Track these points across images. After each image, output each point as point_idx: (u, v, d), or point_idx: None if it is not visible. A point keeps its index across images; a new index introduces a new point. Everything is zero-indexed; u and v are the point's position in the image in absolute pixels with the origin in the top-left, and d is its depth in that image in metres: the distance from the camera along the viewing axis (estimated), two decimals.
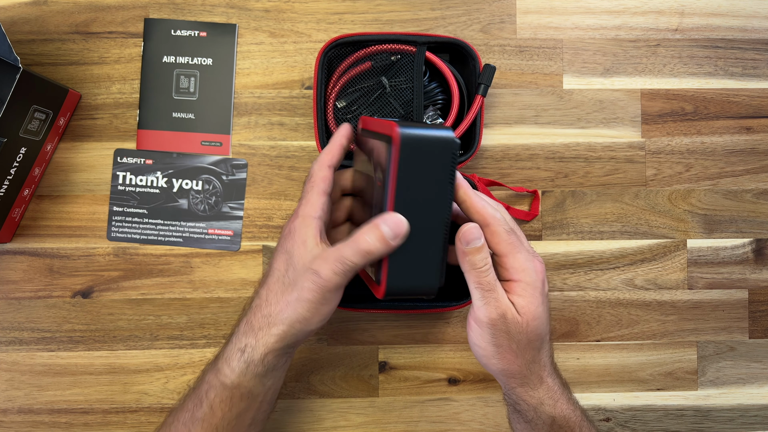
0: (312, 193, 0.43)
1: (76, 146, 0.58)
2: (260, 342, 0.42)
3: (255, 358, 0.42)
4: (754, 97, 0.61)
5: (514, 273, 0.42)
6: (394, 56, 0.55)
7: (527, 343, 0.42)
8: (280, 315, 0.42)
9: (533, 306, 0.42)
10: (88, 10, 0.58)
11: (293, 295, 0.41)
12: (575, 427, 0.45)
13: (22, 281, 0.57)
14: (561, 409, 0.44)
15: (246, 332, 0.43)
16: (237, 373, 0.43)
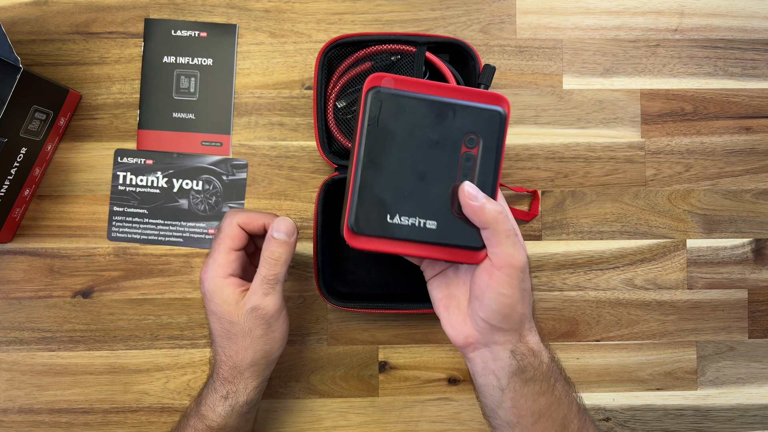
0: (218, 252, 0.45)
1: (76, 146, 0.58)
2: (240, 387, 0.46)
3: (239, 402, 0.46)
4: (754, 97, 0.61)
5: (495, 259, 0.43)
6: (394, 56, 0.55)
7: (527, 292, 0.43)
8: (245, 361, 0.45)
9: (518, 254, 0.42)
10: (89, 10, 0.58)
11: (246, 340, 0.45)
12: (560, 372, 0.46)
13: (23, 281, 0.57)
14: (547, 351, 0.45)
15: (223, 383, 0.46)
16: (223, 416, 0.46)
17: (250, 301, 0.44)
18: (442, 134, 0.42)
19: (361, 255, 0.57)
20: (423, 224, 0.42)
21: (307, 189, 0.59)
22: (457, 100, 0.42)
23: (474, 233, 0.42)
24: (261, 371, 0.47)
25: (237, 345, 0.45)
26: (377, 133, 0.41)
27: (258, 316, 0.44)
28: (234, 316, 0.44)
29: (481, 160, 0.42)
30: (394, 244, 0.42)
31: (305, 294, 0.58)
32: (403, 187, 0.41)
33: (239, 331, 0.44)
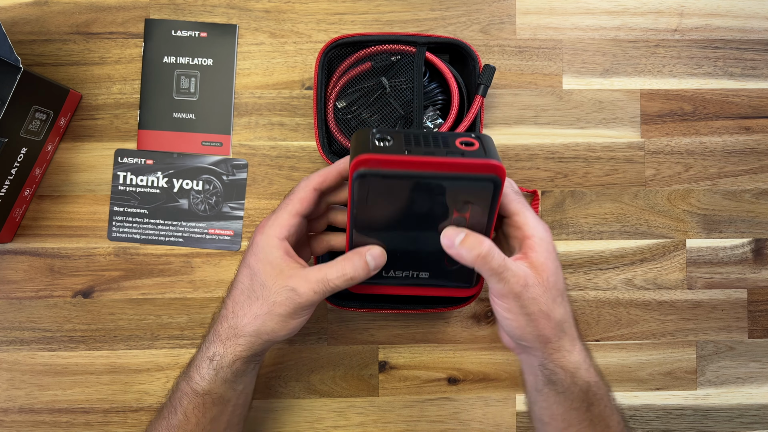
0: (284, 212, 0.43)
1: (76, 146, 0.58)
2: (228, 351, 0.43)
3: (224, 365, 0.44)
4: (753, 98, 0.61)
5: (527, 229, 0.43)
6: (394, 57, 0.55)
7: (552, 301, 0.42)
8: (247, 327, 0.43)
9: (549, 260, 0.42)
10: (89, 10, 0.58)
11: (263, 308, 0.42)
12: (604, 396, 0.45)
13: (23, 281, 0.57)
14: (593, 375, 0.44)
15: (213, 341, 0.44)
16: (207, 380, 0.44)
17: (296, 282, 0.42)
18: (433, 205, 0.41)
19: None
20: (416, 275, 0.44)
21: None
22: (447, 174, 0.40)
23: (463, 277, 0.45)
24: (256, 346, 0.43)
25: (252, 308, 0.43)
26: (368, 209, 0.41)
27: (290, 299, 0.42)
28: (270, 280, 0.42)
29: (471, 223, 0.42)
30: (390, 288, 0.45)
31: None
32: (396, 250, 0.43)
33: (263, 298, 0.42)
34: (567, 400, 0.44)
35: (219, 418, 0.45)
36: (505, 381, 0.59)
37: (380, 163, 0.39)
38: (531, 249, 0.42)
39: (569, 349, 0.43)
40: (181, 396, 0.45)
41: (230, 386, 0.45)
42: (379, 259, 0.42)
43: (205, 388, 0.44)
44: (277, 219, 0.43)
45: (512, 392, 0.59)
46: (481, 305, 0.59)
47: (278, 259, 0.42)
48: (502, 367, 0.59)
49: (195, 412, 0.44)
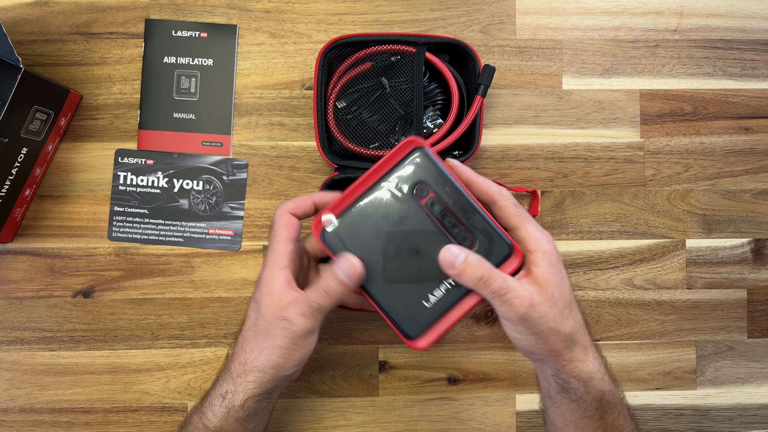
0: (275, 242, 0.44)
1: (77, 146, 0.58)
2: (239, 389, 0.44)
3: (236, 404, 0.44)
4: (753, 98, 0.61)
5: (529, 243, 0.42)
6: (394, 57, 0.55)
7: (560, 315, 0.41)
8: (255, 362, 0.43)
9: (553, 274, 0.42)
10: (89, 10, 0.58)
11: (266, 342, 0.43)
12: (618, 405, 0.44)
13: (24, 281, 0.57)
14: (608, 383, 0.44)
15: (226, 379, 0.45)
16: (219, 417, 0.44)
17: (287, 311, 0.42)
18: (398, 208, 0.42)
19: None
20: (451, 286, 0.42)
21: (307, 189, 0.59)
22: (381, 178, 0.43)
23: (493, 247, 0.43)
24: (266, 381, 0.43)
25: (256, 342, 0.43)
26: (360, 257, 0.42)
27: (285, 328, 0.42)
28: (268, 313, 0.43)
29: (441, 195, 0.42)
30: (447, 320, 0.43)
31: None
32: (413, 274, 0.42)
33: (263, 330, 0.43)
34: (580, 408, 0.44)
35: None
36: (504, 381, 0.59)
37: (333, 209, 0.43)
38: (534, 264, 0.42)
39: (582, 359, 0.43)
40: (193, 431, 0.45)
41: (241, 425, 0.45)
42: (348, 269, 0.42)
43: (217, 425, 0.44)
44: (273, 251, 0.44)
45: (512, 392, 0.59)
46: (480, 305, 0.59)
47: (277, 288, 0.43)
48: (502, 367, 0.60)
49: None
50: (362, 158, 0.55)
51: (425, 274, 0.42)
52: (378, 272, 0.43)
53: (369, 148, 0.55)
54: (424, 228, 0.42)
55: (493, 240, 0.42)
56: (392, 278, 0.43)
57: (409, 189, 0.42)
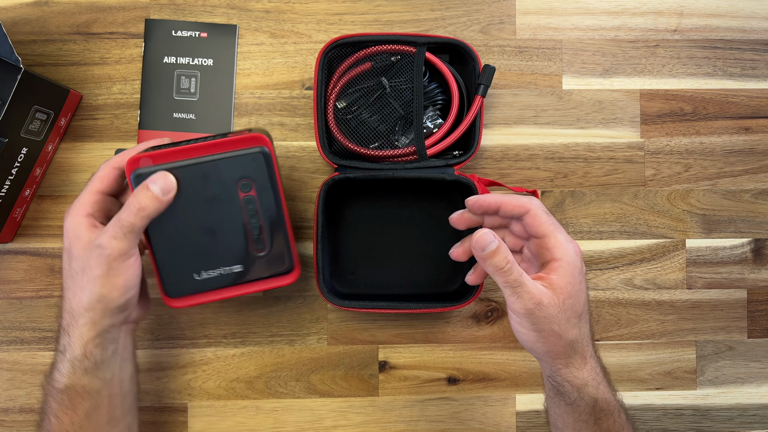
0: (85, 192, 0.44)
1: (77, 146, 0.58)
2: (74, 337, 0.43)
3: (77, 354, 0.43)
4: (753, 98, 0.61)
5: (556, 252, 0.44)
6: (394, 57, 0.55)
7: (566, 322, 0.43)
8: (80, 303, 0.42)
9: (570, 285, 0.43)
10: (89, 10, 0.58)
11: (84, 278, 0.42)
12: (614, 411, 0.45)
13: (24, 281, 0.57)
14: (603, 392, 0.45)
15: (61, 335, 0.44)
16: (65, 374, 0.43)
17: (97, 239, 0.42)
18: (216, 189, 0.44)
19: (361, 256, 0.58)
20: (230, 270, 0.46)
21: (307, 189, 0.59)
22: (216, 155, 0.43)
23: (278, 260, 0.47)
24: (97, 319, 0.42)
25: (75, 284, 0.43)
26: None
27: (99, 255, 0.41)
28: (80, 251, 0.42)
29: (260, 199, 0.45)
30: (209, 295, 0.47)
31: (305, 294, 0.59)
32: (198, 247, 0.45)
33: (80, 269, 0.42)
34: (575, 411, 0.45)
35: (95, 412, 0.44)
36: (504, 381, 0.59)
37: (153, 158, 0.42)
38: (554, 271, 0.43)
39: (578, 367, 0.44)
40: (47, 399, 0.44)
41: (93, 375, 0.43)
42: (161, 182, 0.42)
43: (66, 383, 0.43)
44: (78, 200, 0.44)
45: (512, 392, 0.60)
46: (481, 305, 0.59)
47: (83, 230, 0.42)
48: (502, 367, 0.60)
49: (65, 411, 0.43)
50: (362, 158, 0.55)
51: (209, 253, 0.45)
52: (170, 229, 0.44)
53: (369, 148, 0.55)
54: (231, 217, 0.45)
55: (283, 255, 0.47)
56: (179, 241, 0.45)
57: (236, 178, 0.44)
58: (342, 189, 0.56)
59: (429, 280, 0.58)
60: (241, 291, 0.47)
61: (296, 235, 0.58)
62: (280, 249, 0.47)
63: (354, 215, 0.58)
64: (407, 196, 0.58)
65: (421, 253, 0.58)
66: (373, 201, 0.58)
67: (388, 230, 0.58)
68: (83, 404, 0.43)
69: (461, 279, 0.57)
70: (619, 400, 0.47)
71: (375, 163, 0.55)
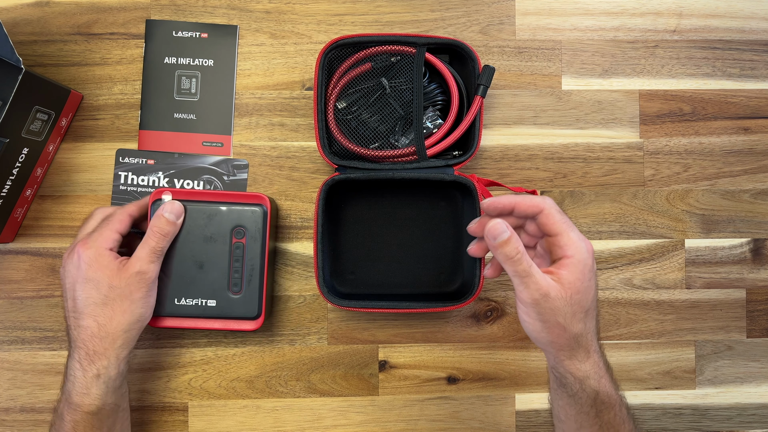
0: (107, 230, 0.49)
1: (78, 147, 0.58)
2: (111, 359, 0.47)
3: (112, 375, 0.47)
4: (752, 98, 0.61)
5: (567, 250, 0.44)
6: (394, 57, 0.55)
7: (572, 316, 0.44)
8: (119, 327, 0.47)
9: (578, 281, 0.44)
10: (90, 11, 0.58)
11: (124, 303, 0.47)
12: (615, 405, 0.46)
13: (25, 281, 0.58)
14: (604, 385, 0.46)
15: (92, 361, 0.47)
16: (99, 396, 0.47)
17: (136, 266, 0.48)
18: (214, 230, 0.52)
19: (361, 256, 0.58)
20: (204, 303, 0.52)
21: (307, 189, 0.59)
22: (222, 202, 0.52)
23: (248, 305, 0.52)
24: (132, 338, 0.48)
25: (114, 310, 0.47)
26: None
27: (141, 280, 0.48)
28: (116, 280, 0.47)
29: (248, 247, 0.52)
30: (182, 321, 0.53)
31: (305, 294, 0.59)
32: (185, 276, 0.52)
33: (119, 295, 0.47)
34: (577, 403, 0.46)
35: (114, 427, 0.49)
36: (504, 380, 0.60)
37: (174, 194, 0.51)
38: (564, 267, 0.44)
39: (581, 359, 0.45)
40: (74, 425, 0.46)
41: (118, 392, 0.49)
42: (170, 208, 0.50)
43: (98, 406, 0.47)
44: (101, 235, 0.48)
45: (511, 391, 0.60)
46: (480, 305, 0.60)
47: (111, 261, 0.48)
48: (502, 367, 0.60)
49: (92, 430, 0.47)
50: (362, 158, 0.55)
51: (192, 284, 0.52)
52: (166, 256, 0.51)
53: (369, 148, 0.55)
54: (219, 257, 0.52)
55: (254, 301, 0.52)
56: (171, 267, 0.52)
57: (233, 225, 0.52)
58: (342, 189, 0.56)
59: (429, 280, 0.58)
60: (207, 325, 0.53)
61: (296, 236, 0.59)
62: (252, 295, 0.52)
63: (354, 215, 0.58)
64: (407, 196, 0.58)
65: (420, 253, 0.58)
66: (373, 201, 0.58)
67: (387, 230, 0.58)
68: (107, 422, 0.48)
69: (461, 279, 0.57)
70: (620, 396, 0.47)
71: (375, 164, 0.55)
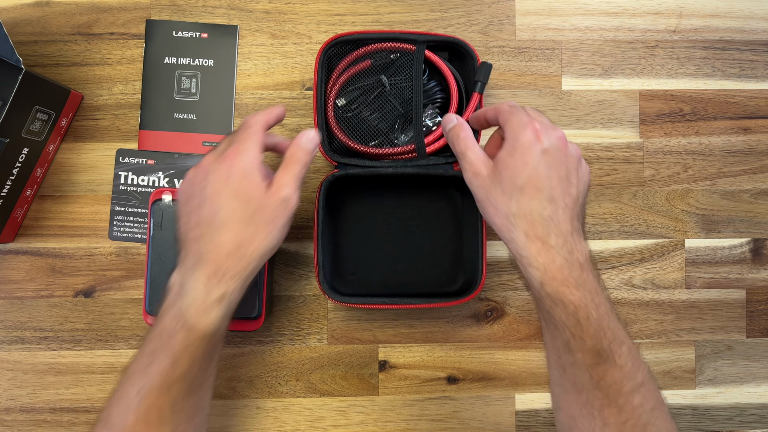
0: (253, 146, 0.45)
1: (78, 147, 0.58)
2: (238, 285, 0.43)
3: (233, 302, 0.44)
4: (752, 98, 0.61)
5: (507, 133, 0.45)
6: (394, 55, 0.55)
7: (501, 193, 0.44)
8: (258, 251, 0.44)
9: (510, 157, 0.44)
10: (90, 11, 0.58)
11: (269, 228, 0.44)
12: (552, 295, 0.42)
13: (25, 281, 0.58)
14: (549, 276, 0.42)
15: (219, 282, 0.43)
16: (216, 321, 0.42)
17: (282, 191, 0.44)
18: None
19: (362, 256, 0.58)
20: None
21: (307, 189, 0.59)
22: None
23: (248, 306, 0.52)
24: (259, 267, 0.45)
25: (257, 231, 0.44)
26: (162, 235, 0.53)
27: (287, 207, 0.45)
28: (265, 201, 0.44)
29: None
30: None
31: (305, 294, 0.59)
32: None
33: (264, 218, 0.44)
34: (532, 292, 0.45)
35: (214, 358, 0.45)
36: (504, 380, 0.60)
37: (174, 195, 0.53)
38: (501, 148, 0.45)
39: (523, 245, 0.43)
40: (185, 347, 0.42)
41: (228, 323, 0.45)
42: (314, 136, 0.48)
43: (214, 330, 0.43)
44: (248, 148, 0.45)
45: (512, 391, 0.60)
46: (480, 304, 0.60)
47: (261, 181, 0.44)
48: (502, 367, 0.60)
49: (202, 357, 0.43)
50: (362, 156, 0.55)
51: None
52: (169, 255, 0.52)
53: (368, 145, 0.55)
54: None
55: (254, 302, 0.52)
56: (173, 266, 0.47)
57: None
58: (341, 188, 0.56)
59: (430, 279, 0.58)
60: None
61: (296, 236, 0.59)
62: (252, 296, 0.52)
63: (354, 216, 0.58)
64: (407, 195, 0.58)
65: (421, 253, 0.58)
66: (374, 202, 0.58)
67: (388, 230, 0.58)
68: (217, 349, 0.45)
69: (463, 278, 0.57)
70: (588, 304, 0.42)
71: (375, 161, 0.55)
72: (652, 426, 0.41)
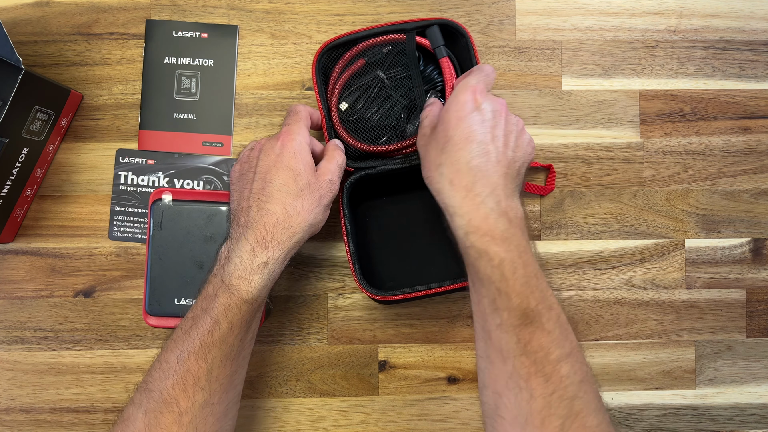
0: (302, 126, 0.50)
1: (78, 147, 0.58)
2: (283, 254, 0.45)
3: (275, 270, 0.45)
4: (752, 98, 0.61)
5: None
6: (386, 48, 0.55)
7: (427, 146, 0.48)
8: (304, 223, 0.46)
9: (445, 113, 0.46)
10: (90, 11, 0.58)
11: (313, 203, 0.47)
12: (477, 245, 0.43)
13: (25, 281, 0.58)
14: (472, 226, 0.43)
15: (265, 248, 0.45)
16: (258, 286, 0.44)
17: (328, 175, 0.49)
18: (214, 231, 0.53)
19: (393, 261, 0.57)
20: None
21: None
22: (223, 203, 0.53)
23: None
24: (304, 240, 0.47)
25: (304, 204, 0.46)
26: (162, 235, 0.53)
27: (332, 189, 0.49)
28: (313, 178, 0.48)
29: None
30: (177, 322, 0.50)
31: (306, 294, 0.59)
32: (185, 276, 0.52)
33: (311, 193, 0.47)
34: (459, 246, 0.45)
35: (254, 322, 0.47)
36: None
37: (174, 194, 0.54)
38: None
39: (448, 194, 0.44)
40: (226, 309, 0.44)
41: (268, 292, 0.46)
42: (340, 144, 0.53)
43: (255, 296, 0.44)
44: (300, 130, 0.49)
45: None
46: None
47: (311, 161, 0.48)
48: None
49: (240, 322, 0.44)
50: (375, 156, 0.55)
51: (193, 283, 0.52)
52: (168, 255, 0.53)
53: (378, 143, 0.55)
54: None
55: None
56: (172, 267, 0.52)
57: None
58: (359, 194, 0.56)
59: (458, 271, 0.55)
60: None
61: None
62: None
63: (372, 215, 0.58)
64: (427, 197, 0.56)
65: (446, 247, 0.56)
66: (392, 205, 0.58)
67: (406, 226, 0.58)
68: (256, 315, 0.47)
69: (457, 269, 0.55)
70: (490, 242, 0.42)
71: (388, 159, 0.54)
72: (580, 399, 0.40)
